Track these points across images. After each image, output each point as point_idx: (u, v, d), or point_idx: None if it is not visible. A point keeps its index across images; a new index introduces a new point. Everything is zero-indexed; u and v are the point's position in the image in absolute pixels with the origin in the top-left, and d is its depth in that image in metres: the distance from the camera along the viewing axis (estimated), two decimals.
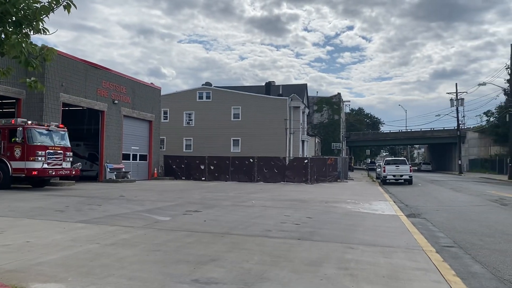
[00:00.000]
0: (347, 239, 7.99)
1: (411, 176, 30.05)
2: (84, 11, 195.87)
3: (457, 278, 5.46)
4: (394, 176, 29.92)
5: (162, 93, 34.77)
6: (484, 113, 64.57)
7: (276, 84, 55.31)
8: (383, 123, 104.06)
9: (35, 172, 17.26)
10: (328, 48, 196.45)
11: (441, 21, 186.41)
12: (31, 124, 17.94)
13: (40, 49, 4.69)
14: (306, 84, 60.83)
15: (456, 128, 58.72)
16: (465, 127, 64.07)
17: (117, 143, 27.04)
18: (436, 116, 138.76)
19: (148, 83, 32.89)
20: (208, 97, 46.19)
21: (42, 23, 4.57)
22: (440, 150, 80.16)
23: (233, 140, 44.73)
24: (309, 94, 62.70)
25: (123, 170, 26.62)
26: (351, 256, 6.51)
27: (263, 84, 53.05)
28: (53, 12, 4.48)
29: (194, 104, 46.10)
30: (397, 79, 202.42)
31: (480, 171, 56.97)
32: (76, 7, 4.49)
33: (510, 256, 7.12)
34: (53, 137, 18.51)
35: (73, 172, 19.58)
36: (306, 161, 30.79)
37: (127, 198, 15.08)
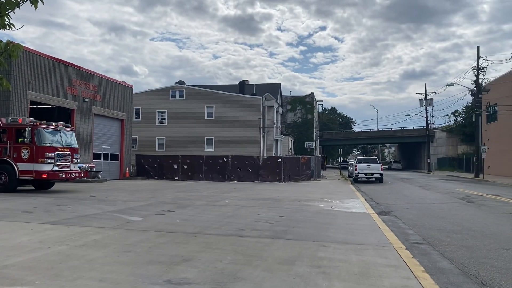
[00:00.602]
0: (319, 237, 8.07)
1: (382, 175, 30.68)
2: (53, 6, 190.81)
3: (426, 274, 5.60)
4: (365, 174, 30.45)
5: (134, 92, 34.24)
6: (452, 113, 66.91)
7: (250, 83, 55.32)
8: (355, 123, 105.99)
9: (45, 175, 16.13)
10: (301, 48, 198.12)
11: (410, 23, 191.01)
12: (40, 123, 16.83)
13: (5, 45, 4.55)
14: (280, 83, 61.15)
15: (425, 127, 60.30)
16: (434, 127, 65.84)
17: (88, 142, 26.47)
18: (406, 116, 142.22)
19: (120, 81, 32.33)
20: (181, 96, 45.76)
21: (8, 18, 4.43)
22: (409, 149, 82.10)
23: (207, 139, 44.50)
24: (282, 94, 63.01)
25: (94, 169, 26.08)
26: (323, 254, 6.58)
27: (237, 83, 52.97)
28: (19, 7, 4.35)
29: (167, 102, 45.59)
30: (368, 79, 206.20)
31: (448, 169, 58.64)
32: (43, 3, 4.36)
33: (476, 252, 7.36)
34: (61, 137, 17.39)
35: (82, 175, 18.56)
36: (279, 160, 30.95)
37: (98, 198, 14.78)
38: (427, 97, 57.13)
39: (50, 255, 6.10)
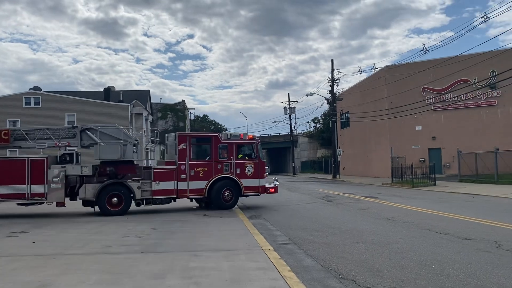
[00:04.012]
0: (192, 247, 8.02)
1: None
2: None
3: (291, 273, 5.93)
4: None
5: None
6: (312, 120, 72.99)
7: (116, 89, 52.79)
8: (227, 130, 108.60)
9: (273, 190, 16.32)
10: (170, 54, 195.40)
11: (273, 36, 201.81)
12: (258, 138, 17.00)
13: None
14: (149, 90, 59.40)
15: (289, 133, 64.52)
16: (297, 133, 70.83)
17: None
18: (272, 123, 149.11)
19: None
20: (37, 103, 41.53)
21: None
22: (277, 154, 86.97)
23: None
24: (152, 101, 61.43)
25: None
26: (195, 264, 6.53)
27: (102, 90, 50.09)
28: None
29: (19, 110, 40.88)
30: (237, 88, 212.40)
31: (310, 171, 63.54)
32: None
33: (335, 248, 8.06)
34: None
35: None
36: None
37: None
38: (290, 106, 61.32)
39: None
